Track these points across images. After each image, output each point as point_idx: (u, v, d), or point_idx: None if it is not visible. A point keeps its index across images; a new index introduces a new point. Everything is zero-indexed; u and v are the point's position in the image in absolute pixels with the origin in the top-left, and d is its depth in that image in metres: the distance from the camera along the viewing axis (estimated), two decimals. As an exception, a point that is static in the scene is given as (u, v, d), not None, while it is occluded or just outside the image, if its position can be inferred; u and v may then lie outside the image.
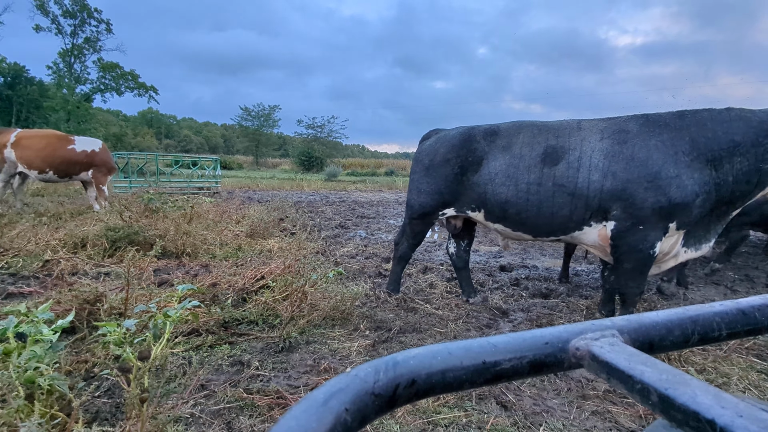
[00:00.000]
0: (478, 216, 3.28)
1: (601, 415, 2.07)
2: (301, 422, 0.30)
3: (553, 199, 2.87)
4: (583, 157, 2.81)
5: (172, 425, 1.77)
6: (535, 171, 2.92)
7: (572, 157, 2.83)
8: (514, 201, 2.99)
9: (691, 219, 2.67)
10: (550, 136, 2.96)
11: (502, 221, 3.14)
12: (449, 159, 3.28)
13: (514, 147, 3.04)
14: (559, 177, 2.84)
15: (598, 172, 2.75)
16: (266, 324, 2.92)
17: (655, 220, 2.65)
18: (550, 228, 2.97)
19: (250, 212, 7.13)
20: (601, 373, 0.37)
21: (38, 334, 1.65)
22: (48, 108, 32.58)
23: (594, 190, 2.76)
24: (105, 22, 36.23)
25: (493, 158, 3.10)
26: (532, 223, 2.99)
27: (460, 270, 3.78)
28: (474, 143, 3.21)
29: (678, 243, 2.84)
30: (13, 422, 1.45)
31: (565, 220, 2.89)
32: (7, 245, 4.25)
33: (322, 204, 11.41)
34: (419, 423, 1.91)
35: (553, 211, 2.89)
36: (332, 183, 20.93)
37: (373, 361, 0.37)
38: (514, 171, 2.99)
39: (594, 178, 2.75)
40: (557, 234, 3.00)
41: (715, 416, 0.30)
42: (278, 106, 44.98)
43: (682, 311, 0.45)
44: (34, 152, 6.69)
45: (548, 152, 2.91)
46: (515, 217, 3.03)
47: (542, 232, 3.03)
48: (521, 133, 3.07)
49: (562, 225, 2.92)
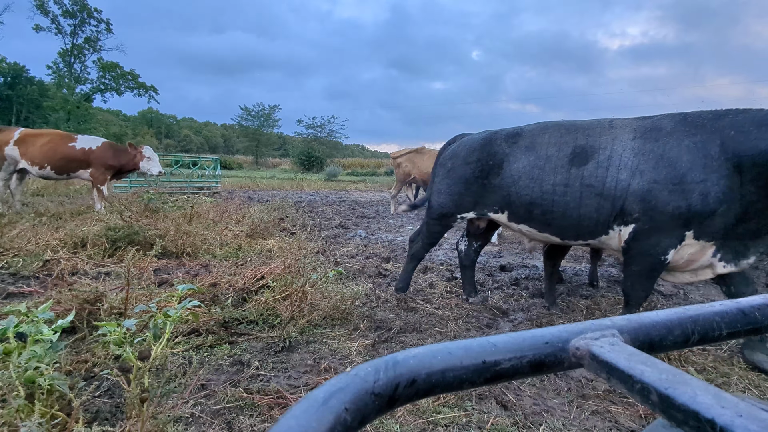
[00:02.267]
0: (501, 217, 3.22)
1: (601, 414, 2.07)
2: (301, 422, 0.30)
3: (580, 199, 2.76)
4: (613, 155, 2.68)
5: (172, 425, 1.77)
6: (562, 171, 2.83)
7: (602, 156, 2.72)
8: (539, 201, 2.90)
9: (714, 229, 2.48)
10: (579, 135, 2.86)
11: (527, 222, 3.06)
12: (470, 162, 3.26)
13: (538, 147, 2.97)
14: (588, 177, 2.73)
15: (626, 171, 2.62)
16: (266, 324, 2.92)
17: (672, 226, 2.52)
18: (577, 230, 2.86)
19: (250, 212, 7.13)
20: (601, 372, 0.37)
21: (38, 334, 1.66)
22: (48, 108, 32.59)
23: (621, 190, 2.63)
24: (105, 21, 36.27)
25: (515, 159, 3.03)
26: (559, 224, 2.89)
27: (466, 268, 3.77)
28: (494, 146, 3.17)
29: (706, 254, 2.62)
30: (14, 422, 1.45)
31: (593, 223, 2.78)
32: (7, 245, 4.25)
33: (322, 204, 11.41)
34: (419, 423, 1.91)
35: (581, 213, 2.78)
36: (332, 183, 20.94)
37: (373, 361, 0.37)
38: (539, 172, 2.91)
39: (622, 177, 2.63)
40: (585, 237, 2.88)
41: (715, 416, 0.30)
42: (278, 106, 44.98)
43: (682, 311, 0.45)
44: (37, 148, 6.77)
45: (577, 152, 2.81)
46: (541, 218, 2.94)
47: (569, 234, 2.92)
48: (546, 133, 3.00)
49: (590, 228, 2.81)
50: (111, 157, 7.11)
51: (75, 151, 6.92)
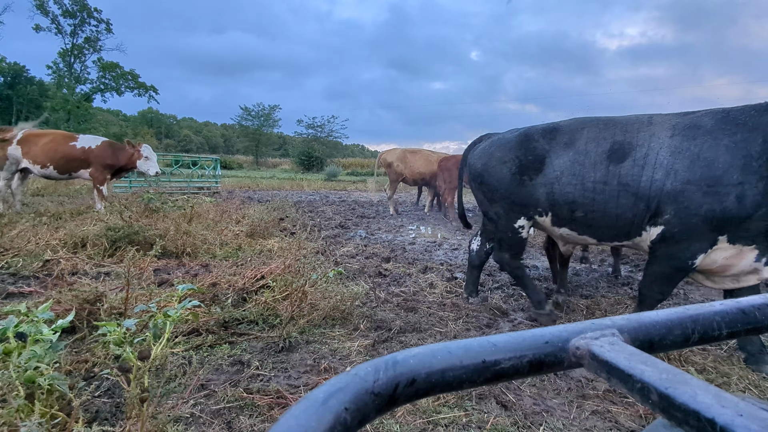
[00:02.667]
0: (545, 221, 3.08)
1: (601, 414, 2.07)
2: (301, 422, 0.30)
3: (617, 199, 2.65)
4: (649, 153, 2.56)
5: (172, 425, 1.77)
6: (600, 168, 2.71)
7: (639, 154, 2.60)
8: (581, 201, 2.79)
9: (753, 233, 2.34)
10: (618, 131, 2.74)
11: (569, 224, 2.94)
12: (506, 161, 3.10)
13: (578, 143, 2.84)
14: (624, 175, 2.62)
15: (661, 170, 2.50)
16: (266, 324, 2.92)
17: (704, 230, 2.39)
18: (614, 231, 2.76)
19: (250, 212, 7.13)
20: (601, 372, 0.37)
21: (38, 334, 1.66)
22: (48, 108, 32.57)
23: (655, 190, 2.51)
24: (105, 21, 36.27)
25: (556, 155, 2.90)
26: (598, 225, 2.79)
27: (474, 268, 3.75)
28: (533, 142, 3.02)
29: (746, 258, 2.45)
30: (14, 422, 1.45)
31: (628, 224, 2.67)
32: (7, 245, 4.25)
33: (322, 204, 11.41)
34: (419, 422, 1.91)
35: (618, 213, 2.67)
36: (332, 183, 20.93)
37: (373, 361, 0.37)
38: (580, 168, 2.79)
39: (657, 177, 2.51)
40: (621, 239, 2.79)
41: (715, 415, 0.30)
42: (278, 106, 44.96)
43: (682, 310, 0.45)
44: (38, 148, 6.85)
45: (615, 148, 2.69)
46: (582, 219, 2.83)
47: (607, 235, 2.82)
48: (585, 128, 2.88)
49: (625, 228, 2.70)
50: (110, 156, 7.13)
51: (75, 151, 6.96)
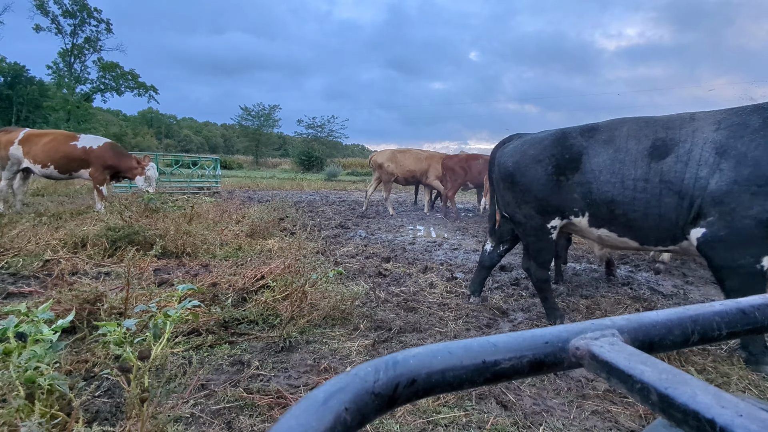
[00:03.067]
0: (582, 222, 2.96)
1: (601, 414, 2.07)
2: (301, 421, 0.30)
3: (660, 198, 2.52)
4: (693, 149, 2.44)
5: (172, 425, 1.77)
6: (641, 165, 2.59)
7: (682, 149, 2.48)
8: (620, 200, 2.66)
9: None
10: (659, 128, 2.64)
11: (607, 225, 2.81)
12: (541, 160, 2.99)
13: (618, 140, 2.75)
14: (666, 172, 2.49)
15: (706, 168, 2.37)
16: (266, 324, 2.92)
17: (760, 232, 2.25)
18: (657, 234, 2.61)
19: (250, 212, 7.13)
20: (601, 372, 0.37)
21: (38, 334, 1.66)
22: (48, 108, 32.59)
23: (699, 188, 2.38)
24: (105, 21, 36.26)
25: (595, 153, 2.80)
26: (639, 226, 2.65)
27: (483, 268, 3.73)
28: (570, 140, 2.93)
29: None
30: (14, 422, 1.45)
31: (672, 225, 2.53)
32: (8, 245, 4.25)
33: (322, 204, 11.41)
34: (419, 422, 1.91)
35: (660, 213, 2.53)
36: (332, 183, 20.93)
37: (373, 361, 0.37)
38: (620, 165, 2.68)
39: (701, 174, 2.38)
40: (665, 242, 2.63)
41: (715, 415, 0.30)
42: (278, 106, 44.97)
43: (682, 311, 0.45)
44: (39, 147, 6.92)
45: (656, 144, 2.58)
46: (622, 218, 2.70)
47: (650, 238, 2.67)
48: (625, 126, 2.79)
49: (669, 231, 2.56)
50: (111, 157, 7.18)
51: (76, 150, 7.00)
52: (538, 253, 3.19)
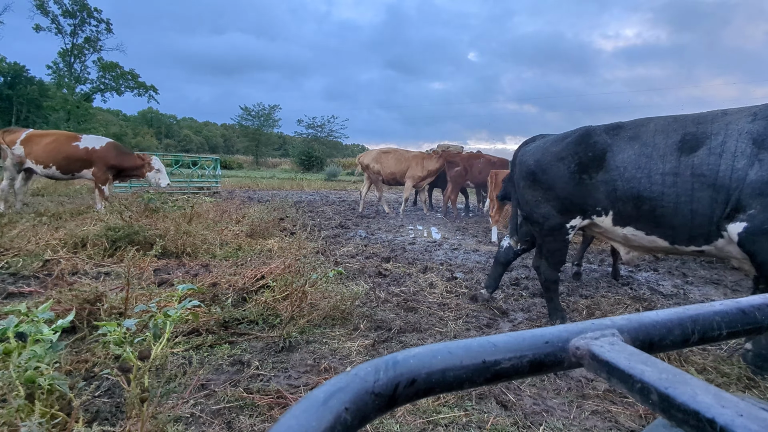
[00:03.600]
0: (605, 221, 2.88)
1: (601, 414, 2.07)
2: (301, 421, 0.30)
3: (692, 192, 2.41)
4: (728, 140, 2.35)
5: (172, 425, 1.77)
6: (671, 159, 2.50)
7: (715, 142, 2.39)
8: (647, 195, 2.56)
9: None
10: (689, 123, 2.57)
11: (633, 223, 2.71)
12: (564, 158, 2.94)
13: (644, 135, 2.67)
14: (699, 165, 2.39)
15: (744, 159, 2.27)
16: (266, 324, 2.92)
17: None
18: (689, 231, 2.49)
19: (250, 212, 7.13)
20: (601, 372, 0.37)
21: (38, 334, 1.66)
22: (48, 108, 32.58)
23: (736, 180, 2.27)
24: (105, 21, 36.23)
25: (620, 150, 2.73)
26: (669, 223, 2.54)
27: (499, 264, 3.71)
28: (594, 137, 2.88)
29: None
30: (14, 422, 1.45)
31: (706, 222, 2.42)
32: (8, 245, 4.25)
33: (322, 204, 11.41)
34: (419, 422, 1.91)
35: (692, 208, 2.43)
36: (332, 183, 20.93)
37: (373, 361, 0.37)
38: (646, 160, 2.59)
39: (738, 166, 2.27)
40: (698, 242, 2.50)
41: (716, 415, 0.30)
42: (278, 106, 44.88)
43: (682, 310, 0.45)
44: (41, 147, 6.97)
45: (687, 138, 2.49)
46: (649, 215, 2.60)
47: (681, 237, 2.55)
48: (651, 123, 2.73)
49: (703, 227, 2.44)
50: (113, 157, 7.25)
51: (78, 151, 7.06)
52: (552, 253, 3.14)
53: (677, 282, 4.61)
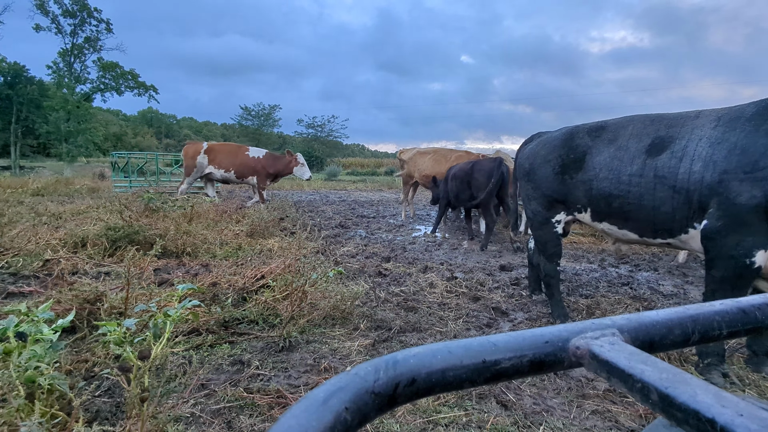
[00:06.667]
0: (585, 217, 3.13)
1: (601, 414, 2.07)
2: (301, 421, 0.30)
3: (654, 192, 2.60)
4: (689, 145, 2.50)
5: (172, 424, 1.77)
6: (637, 162, 2.70)
7: (677, 146, 2.55)
8: (616, 194, 2.79)
9: None
10: (662, 126, 2.70)
11: (607, 218, 2.96)
12: (550, 160, 3.19)
13: (620, 139, 2.86)
14: (661, 168, 2.57)
15: (700, 162, 2.41)
16: (266, 323, 2.92)
17: (752, 221, 2.23)
18: (653, 227, 2.69)
19: (250, 212, 7.13)
20: (601, 372, 0.37)
21: (38, 334, 1.66)
22: (48, 107, 32.55)
23: (694, 182, 2.42)
24: (105, 21, 36.19)
25: (598, 152, 2.94)
26: (635, 218, 2.75)
27: (533, 267, 3.85)
28: (576, 140, 3.08)
29: None
30: (14, 421, 1.45)
31: (668, 219, 2.58)
32: (8, 245, 4.25)
33: (322, 203, 11.40)
34: (419, 422, 1.91)
35: (655, 206, 2.61)
36: (332, 182, 20.92)
37: (373, 360, 0.37)
38: (618, 163, 2.80)
39: (695, 169, 2.42)
40: (663, 235, 2.70)
41: (716, 415, 0.30)
42: (278, 106, 44.76)
43: (682, 310, 0.45)
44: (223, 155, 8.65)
45: (655, 142, 2.66)
46: (618, 211, 2.83)
47: (647, 231, 2.76)
48: (631, 125, 2.87)
49: (666, 224, 2.62)
50: (272, 165, 8.61)
51: (251, 160, 8.50)
52: (544, 245, 3.41)
53: (677, 282, 4.61)
